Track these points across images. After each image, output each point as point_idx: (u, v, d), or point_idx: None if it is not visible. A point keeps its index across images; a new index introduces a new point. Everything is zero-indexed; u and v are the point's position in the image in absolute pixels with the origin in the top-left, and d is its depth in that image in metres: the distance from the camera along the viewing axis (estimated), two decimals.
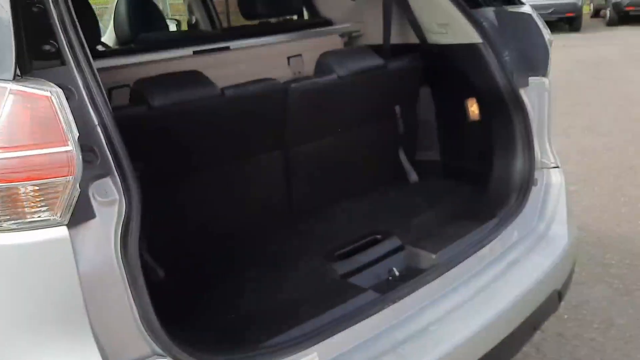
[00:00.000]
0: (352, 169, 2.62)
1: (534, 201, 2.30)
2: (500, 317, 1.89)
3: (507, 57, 2.31)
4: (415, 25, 2.62)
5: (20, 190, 1.19)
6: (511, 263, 2.09)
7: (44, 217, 1.22)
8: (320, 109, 2.36)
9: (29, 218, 1.21)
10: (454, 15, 2.39)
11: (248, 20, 2.91)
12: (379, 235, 2.18)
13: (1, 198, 1.18)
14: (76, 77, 1.34)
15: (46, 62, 1.33)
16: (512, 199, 2.29)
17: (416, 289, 1.85)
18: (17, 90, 1.18)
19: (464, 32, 2.38)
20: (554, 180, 2.37)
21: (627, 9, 14.27)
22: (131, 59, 2.32)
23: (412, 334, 1.77)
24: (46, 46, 1.34)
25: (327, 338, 1.65)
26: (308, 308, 1.79)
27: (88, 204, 1.27)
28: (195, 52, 2.48)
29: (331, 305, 1.78)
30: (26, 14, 1.36)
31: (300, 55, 2.83)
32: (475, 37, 2.34)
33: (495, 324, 1.88)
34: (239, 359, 1.58)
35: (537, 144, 2.34)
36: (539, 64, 2.32)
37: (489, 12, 2.40)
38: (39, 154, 1.19)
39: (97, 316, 1.29)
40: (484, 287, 1.97)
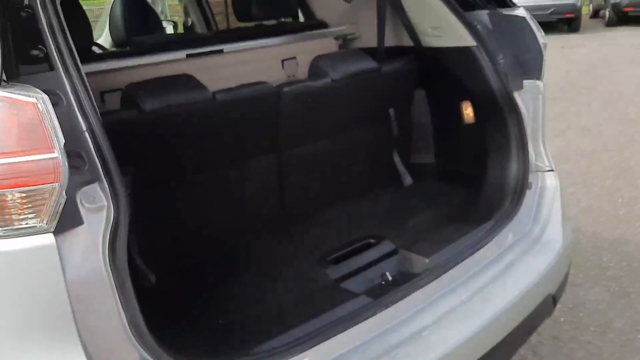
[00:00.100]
0: (346, 172, 2.62)
1: (528, 204, 2.29)
2: (493, 321, 1.88)
3: (502, 60, 2.31)
4: (410, 28, 2.61)
5: (7, 197, 1.19)
6: (505, 267, 2.08)
7: (30, 224, 1.21)
8: (314, 112, 2.35)
9: (16, 225, 1.21)
10: (447, 18, 2.39)
11: (242, 23, 2.90)
12: (372, 239, 2.17)
13: None
14: (65, 82, 1.33)
15: (34, 67, 1.32)
16: (507, 203, 2.29)
17: (409, 294, 1.85)
18: (2, 96, 1.18)
19: (457, 36, 2.38)
20: (548, 183, 2.36)
21: (626, 9, 14.26)
22: (124, 62, 2.32)
23: (405, 338, 1.76)
24: (34, 51, 1.34)
25: (319, 343, 1.64)
26: (300, 313, 1.78)
27: (76, 211, 1.27)
28: (189, 56, 2.47)
29: (323, 310, 1.77)
30: (14, 18, 1.35)
31: (294, 58, 2.82)
32: (469, 41, 2.34)
33: (488, 329, 1.87)
34: None
35: (532, 147, 2.33)
36: (533, 67, 2.32)
37: (483, 15, 2.40)
38: (25, 161, 1.19)
39: (84, 323, 1.29)
40: (477, 291, 1.96)
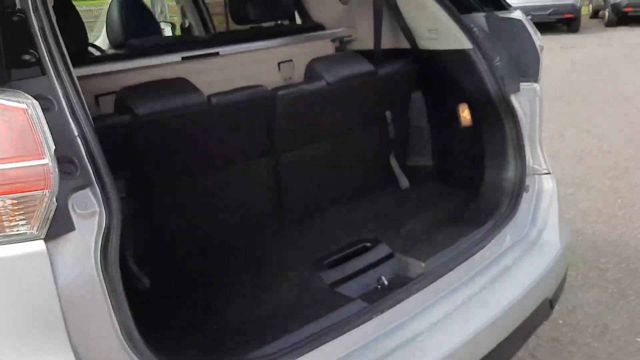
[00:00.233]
0: (342, 175, 2.61)
1: (525, 207, 2.29)
2: (490, 326, 1.88)
3: (498, 63, 2.31)
4: (406, 31, 2.60)
5: None
6: (502, 271, 2.07)
7: (21, 230, 1.21)
8: (309, 115, 2.35)
9: (7, 232, 1.21)
10: (444, 20, 2.38)
11: (239, 25, 2.90)
12: (368, 243, 2.17)
13: None
14: (56, 87, 1.33)
15: (26, 72, 1.32)
16: (504, 205, 2.28)
17: (405, 298, 1.84)
18: None
19: (454, 38, 2.38)
20: (545, 186, 2.36)
21: (626, 9, 14.27)
22: (118, 65, 2.31)
23: (401, 343, 1.75)
24: (26, 56, 1.33)
25: (314, 348, 1.64)
26: (295, 318, 1.78)
27: (67, 217, 1.26)
28: (184, 58, 2.46)
29: (318, 315, 1.77)
30: (6, 23, 1.35)
31: (291, 60, 2.82)
32: (465, 43, 2.34)
33: (485, 333, 1.87)
34: None
35: (529, 149, 2.33)
36: (529, 70, 2.32)
37: (479, 17, 2.40)
38: (14, 167, 1.18)
39: (76, 329, 1.28)
40: (473, 296, 1.95)
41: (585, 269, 3.45)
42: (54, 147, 1.22)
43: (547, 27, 13.82)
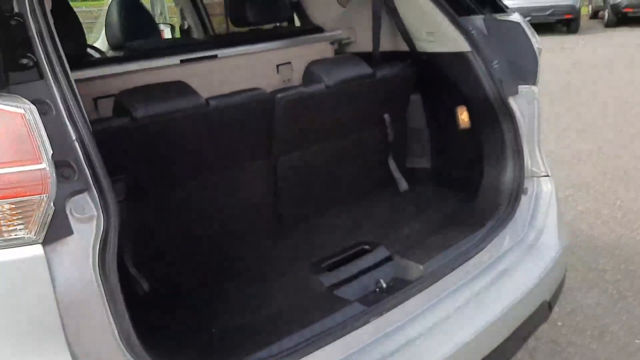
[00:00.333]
0: (340, 178, 2.61)
1: (523, 210, 2.29)
2: (488, 328, 1.88)
3: (496, 66, 2.31)
4: (405, 33, 2.61)
5: None
6: (500, 273, 2.07)
7: (19, 235, 1.21)
8: (308, 118, 2.35)
9: (5, 236, 1.21)
10: (442, 23, 2.39)
11: (237, 27, 2.90)
12: (367, 246, 2.16)
13: None
14: (54, 91, 1.33)
15: (23, 76, 1.32)
16: (502, 208, 2.28)
17: (403, 301, 1.84)
18: None
19: (452, 41, 2.38)
20: (544, 189, 2.36)
21: (625, 10, 14.29)
22: (117, 68, 2.31)
23: (400, 346, 1.75)
24: (24, 60, 1.33)
25: (313, 352, 1.64)
26: (293, 321, 1.77)
27: (65, 221, 1.26)
28: (183, 61, 2.46)
29: (317, 318, 1.76)
30: (4, 27, 1.35)
31: (289, 63, 2.82)
32: (463, 46, 2.34)
33: (483, 336, 1.87)
34: None
35: (527, 152, 2.33)
36: (528, 73, 2.32)
37: (477, 20, 2.40)
38: (12, 172, 1.18)
39: (74, 334, 1.28)
40: (472, 298, 1.95)
41: (584, 271, 3.45)
42: (52, 152, 1.22)
43: (547, 27, 13.83)
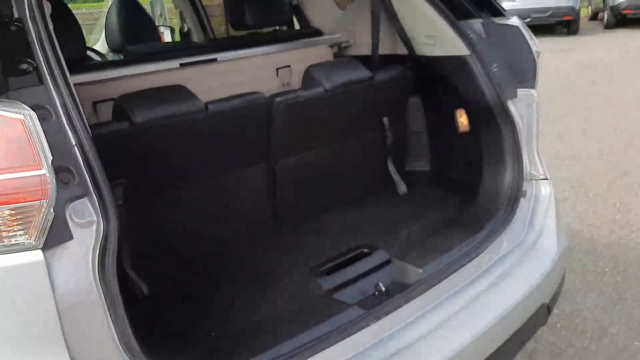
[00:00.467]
0: (339, 181, 2.61)
1: (522, 213, 2.29)
2: (487, 331, 1.88)
3: (495, 69, 2.32)
4: (404, 37, 2.61)
5: None
6: (499, 277, 2.07)
7: (19, 240, 1.22)
8: (307, 122, 2.35)
9: (5, 242, 1.21)
10: (441, 27, 2.39)
11: (237, 31, 2.90)
12: (366, 249, 2.17)
13: None
14: (54, 96, 1.33)
15: (23, 82, 1.32)
16: (501, 211, 2.29)
17: (402, 305, 1.84)
18: None
19: (451, 44, 2.38)
20: (543, 191, 2.37)
21: (625, 12, 14.31)
22: (116, 72, 2.31)
23: (399, 350, 1.75)
24: (23, 65, 1.34)
25: (312, 355, 1.63)
26: (292, 325, 1.78)
27: (65, 226, 1.26)
28: (182, 65, 2.47)
29: (316, 322, 1.76)
30: (4, 32, 1.35)
31: (289, 66, 2.82)
32: (462, 50, 2.35)
33: (482, 339, 1.87)
34: None
35: (526, 155, 2.33)
36: (527, 76, 2.33)
37: (476, 24, 2.41)
38: (12, 178, 1.19)
39: (74, 339, 1.29)
40: (471, 301, 1.95)
41: (583, 273, 3.45)
42: (51, 157, 1.22)
43: (547, 29, 13.85)
